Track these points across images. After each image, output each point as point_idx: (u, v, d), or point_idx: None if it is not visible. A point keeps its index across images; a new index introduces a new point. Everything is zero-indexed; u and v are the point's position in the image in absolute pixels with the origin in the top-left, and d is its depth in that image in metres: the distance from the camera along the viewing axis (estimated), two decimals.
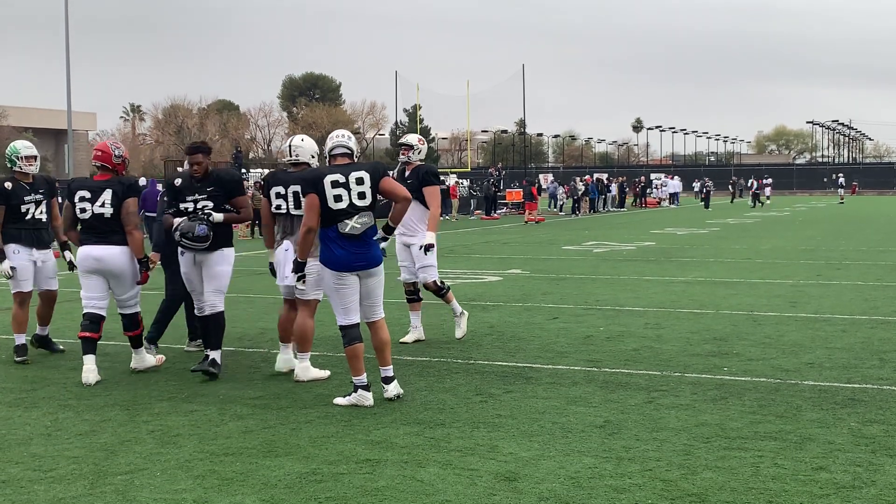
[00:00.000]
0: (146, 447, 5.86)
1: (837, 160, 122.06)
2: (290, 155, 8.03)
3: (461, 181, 47.99)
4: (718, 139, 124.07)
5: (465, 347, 9.16)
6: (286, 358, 8.09)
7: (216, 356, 7.84)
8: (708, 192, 54.74)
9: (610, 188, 52.95)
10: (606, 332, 10.00)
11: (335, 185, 6.78)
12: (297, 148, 8.01)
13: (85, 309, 7.95)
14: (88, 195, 7.88)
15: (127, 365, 8.32)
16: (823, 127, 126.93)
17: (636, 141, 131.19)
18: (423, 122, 74.48)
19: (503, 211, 46.73)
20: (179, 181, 8.00)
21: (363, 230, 6.82)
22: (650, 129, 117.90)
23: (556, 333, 9.90)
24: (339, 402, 6.88)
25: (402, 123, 75.69)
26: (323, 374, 7.82)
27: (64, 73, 47.51)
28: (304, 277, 7.10)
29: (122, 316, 8.16)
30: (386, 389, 7.01)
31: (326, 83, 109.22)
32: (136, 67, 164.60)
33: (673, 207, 57.18)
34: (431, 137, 77.53)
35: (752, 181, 57.80)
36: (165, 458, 5.62)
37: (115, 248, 7.83)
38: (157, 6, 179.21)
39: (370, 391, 6.87)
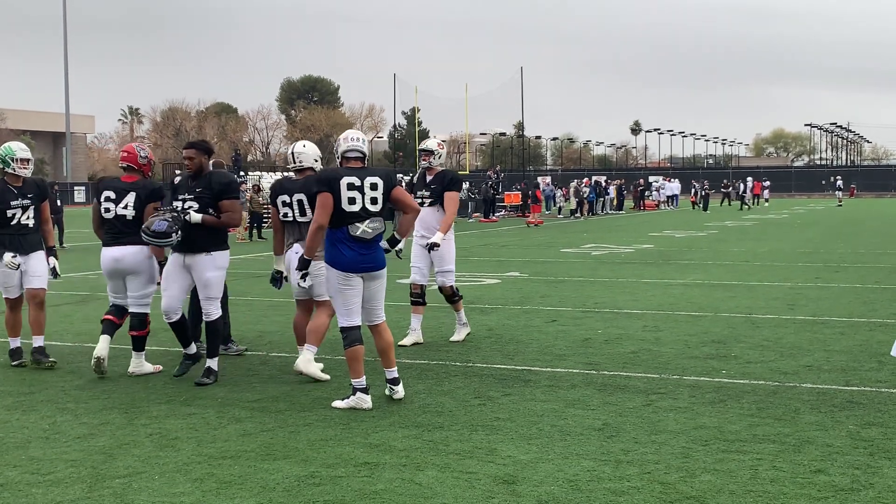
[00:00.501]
0: (144, 450, 5.85)
1: (836, 163, 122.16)
2: (293, 161, 8.13)
3: None
4: (716, 142, 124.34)
5: (463, 350, 9.16)
6: (306, 359, 8.09)
7: (213, 364, 7.85)
8: (706, 195, 54.80)
9: (608, 191, 52.98)
10: (605, 334, 10.00)
11: (350, 187, 6.83)
12: (299, 154, 8.12)
13: (111, 303, 8.38)
14: (113, 196, 8.17)
15: (125, 368, 8.32)
16: (822, 129, 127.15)
17: (634, 143, 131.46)
18: (421, 124, 74.60)
19: (501, 213, 46.77)
20: (178, 179, 8.03)
21: (374, 235, 6.88)
22: (648, 131, 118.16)
23: (554, 336, 9.90)
24: (337, 405, 6.88)
25: (400, 126, 75.81)
26: (323, 376, 7.82)
27: (62, 75, 47.50)
28: (307, 275, 7.09)
29: (130, 314, 8.24)
30: (395, 391, 7.05)
31: (325, 86, 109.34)
32: (134, 70, 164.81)
33: (672, 210, 57.20)
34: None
35: (738, 183, 57.73)
36: (164, 461, 5.62)
37: (132, 247, 8.05)
38: (155, 9, 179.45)
39: (369, 394, 6.87)
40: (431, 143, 9.67)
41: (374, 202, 6.88)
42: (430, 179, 9.49)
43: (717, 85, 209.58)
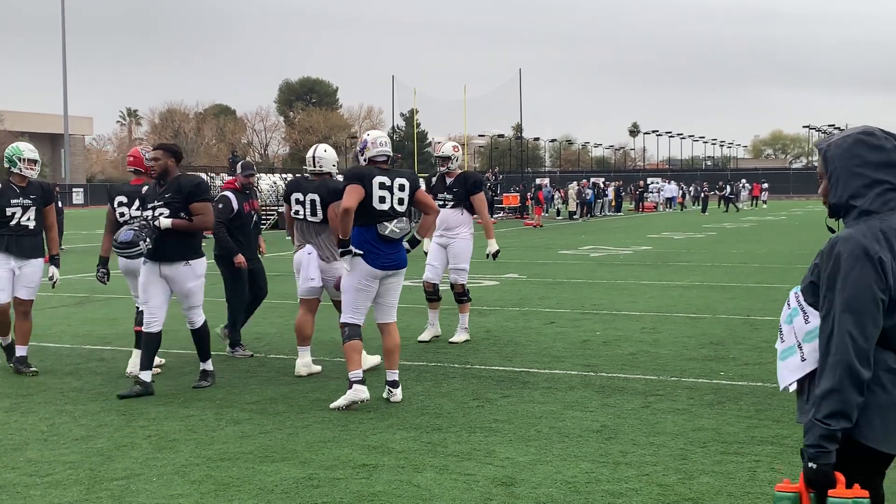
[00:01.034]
0: (142, 452, 5.85)
1: None
2: (313, 165, 8.26)
3: None
4: (715, 143, 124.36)
5: (462, 352, 9.16)
6: (305, 362, 8.11)
7: (207, 366, 7.84)
8: (705, 196, 54.83)
9: (606, 192, 53.00)
10: (603, 336, 10.00)
11: (381, 186, 7.02)
12: (320, 159, 8.27)
13: (137, 308, 8.30)
14: (125, 200, 8.35)
15: (123, 370, 8.31)
16: (820, 131, 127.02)
17: (633, 145, 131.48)
18: (419, 126, 74.57)
19: (500, 215, 46.76)
20: (146, 188, 7.83)
21: (401, 235, 7.07)
22: (647, 133, 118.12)
23: (552, 338, 9.91)
24: (336, 404, 6.89)
25: (399, 128, 75.77)
26: (314, 367, 8.15)
27: (60, 77, 47.51)
28: (349, 252, 6.96)
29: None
30: (393, 393, 7.11)
31: (323, 87, 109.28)
32: (132, 72, 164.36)
33: (670, 212, 57.23)
34: (428, 142, 77.54)
35: (727, 185, 57.65)
36: (162, 463, 5.61)
37: None
38: (153, 10, 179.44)
39: (365, 384, 6.91)
40: (447, 148, 9.88)
41: (401, 203, 7.10)
42: (450, 182, 9.71)
43: (715, 87, 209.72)
